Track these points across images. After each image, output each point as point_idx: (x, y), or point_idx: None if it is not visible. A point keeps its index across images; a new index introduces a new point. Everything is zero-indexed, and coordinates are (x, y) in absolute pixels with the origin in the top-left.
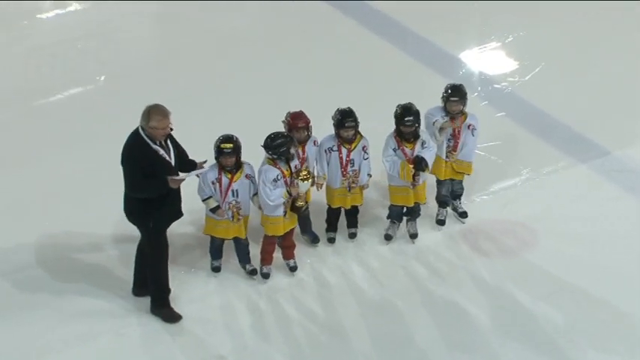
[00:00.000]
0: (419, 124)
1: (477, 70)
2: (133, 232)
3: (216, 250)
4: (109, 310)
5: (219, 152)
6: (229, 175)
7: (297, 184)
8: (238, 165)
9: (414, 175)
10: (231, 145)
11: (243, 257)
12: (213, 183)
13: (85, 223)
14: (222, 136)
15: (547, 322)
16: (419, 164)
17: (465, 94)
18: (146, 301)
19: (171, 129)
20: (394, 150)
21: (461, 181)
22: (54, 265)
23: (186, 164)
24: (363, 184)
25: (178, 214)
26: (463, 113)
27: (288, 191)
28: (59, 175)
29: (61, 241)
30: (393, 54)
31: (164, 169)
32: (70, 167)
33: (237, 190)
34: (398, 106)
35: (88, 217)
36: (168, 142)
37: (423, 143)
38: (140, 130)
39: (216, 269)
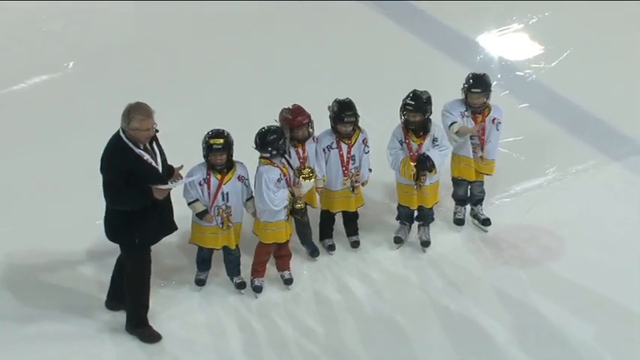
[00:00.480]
0: (427, 114)
1: (496, 55)
2: (104, 241)
3: (203, 260)
4: (78, 330)
5: (208, 149)
6: (219, 176)
7: (300, 183)
8: (230, 164)
9: (418, 175)
10: (222, 140)
11: (233, 269)
12: (200, 184)
13: (50, 232)
14: (211, 130)
15: (575, 340)
16: (422, 163)
17: (489, 84)
18: (121, 317)
19: (157, 130)
20: (400, 142)
21: (481, 183)
22: (14, 281)
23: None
24: (365, 181)
25: (170, 227)
26: (487, 106)
27: (291, 192)
28: (21, 176)
29: (22, 253)
30: (403, 38)
31: (150, 176)
32: (33, 167)
33: (227, 193)
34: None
35: (53, 225)
36: (154, 144)
37: (434, 140)
38: (121, 133)
39: (200, 282)
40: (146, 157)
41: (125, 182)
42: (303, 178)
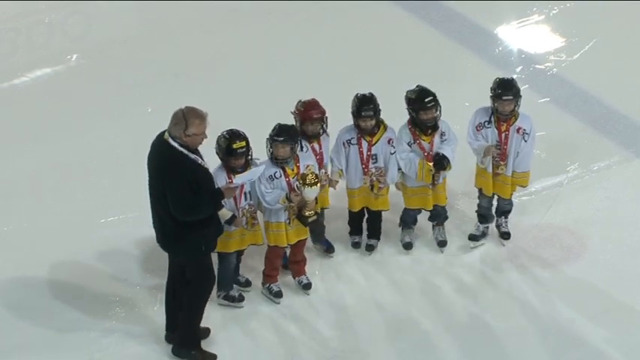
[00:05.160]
0: (440, 110)
1: (516, 47)
2: (107, 240)
3: (228, 275)
4: (80, 331)
5: (229, 153)
6: None
7: (302, 190)
8: (246, 163)
9: (433, 175)
10: (244, 143)
11: (236, 269)
12: None
13: (51, 230)
14: (227, 133)
15: (595, 345)
16: (440, 164)
17: (518, 90)
18: (124, 319)
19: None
20: (409, 144)
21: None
22: (14, 282)
23: None
24: (394, 183)
25: (222, 228)
26: (514, 114)
27: (287, 196)
28: (22, 173)
29: (22, 252)
30: (419, 29)
31: (208, 180)
32: (35, 163)
33: (249, 192)
34: (409, 91)
35: (54, 224)
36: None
37: (442, 135)
38: (172, 142)
39: (241, 298)
40: (200, 161)
41: (192, 191)
42: (306, 185)
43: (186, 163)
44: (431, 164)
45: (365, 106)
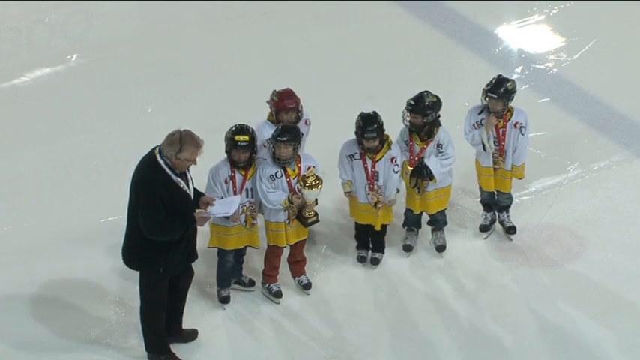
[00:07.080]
0: (427, 118)
1: (516, 47)
2: (107, 241)
3: (227, 273)
4: (80, 332)
5: (232, 145)
6: (243, 172)
7: (302, 192)
8: (251, 160)
9: (417, 182)
10: (248, 137)
11: (237, 270)
12: (226, 182)
13: (51, 230)
14: (235, 126)
15: (595, 346)
16: (418, 171)
17: (508, 91)
18: (124, 319)
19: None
20: (406, 143)
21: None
22: (14, 282)
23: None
24: (390, 200)
25: (193, 255)
26: (509, 110)
27: (289, 198)
28: (22, 173)
29: (22, 252)
30: (420, 29)
31: (184, 204)
32: (36, 163)
33: (251, 190)
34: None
35: (55, 223)
36: (187, 171)
37: (439, 146)
38: (159, 158)
39: (226, 299)
40: (182, 184)
41: (165, 211)
42: (307, 187)
43: (166, 183)
44: (410, 168)
45: (368, 127)
